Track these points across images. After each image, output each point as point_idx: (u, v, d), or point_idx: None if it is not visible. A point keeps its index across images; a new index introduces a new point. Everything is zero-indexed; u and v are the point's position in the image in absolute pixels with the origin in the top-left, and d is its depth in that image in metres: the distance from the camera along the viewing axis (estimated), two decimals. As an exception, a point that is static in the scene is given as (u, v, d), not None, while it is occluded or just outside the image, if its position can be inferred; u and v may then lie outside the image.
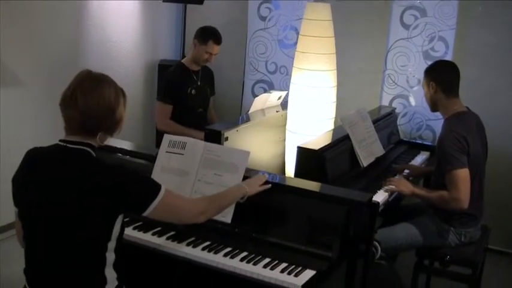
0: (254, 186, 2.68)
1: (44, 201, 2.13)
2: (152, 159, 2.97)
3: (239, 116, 5.48)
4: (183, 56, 5.56)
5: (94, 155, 2.20)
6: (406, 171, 4.05)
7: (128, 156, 3.15)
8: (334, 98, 4.09)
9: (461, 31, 4.77)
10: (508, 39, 4.68)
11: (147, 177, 2.29)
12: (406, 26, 4.94)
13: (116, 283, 2.24)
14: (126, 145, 3.22)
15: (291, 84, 4.12)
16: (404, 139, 4.86)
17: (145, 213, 2.21)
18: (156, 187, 2.22)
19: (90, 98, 2.13)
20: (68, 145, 2.17)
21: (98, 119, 2.16)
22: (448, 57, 4.76)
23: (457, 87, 3.57)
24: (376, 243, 3.25)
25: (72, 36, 4.90)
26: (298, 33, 5.21)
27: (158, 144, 5.07)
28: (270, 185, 2.71)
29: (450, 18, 4.77)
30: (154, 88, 5.66)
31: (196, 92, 4.70)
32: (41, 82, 4.61)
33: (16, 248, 2.43)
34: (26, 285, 2.23)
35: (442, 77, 3.56)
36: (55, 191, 2.12)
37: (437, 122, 4.87)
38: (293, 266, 2.49)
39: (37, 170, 2.19)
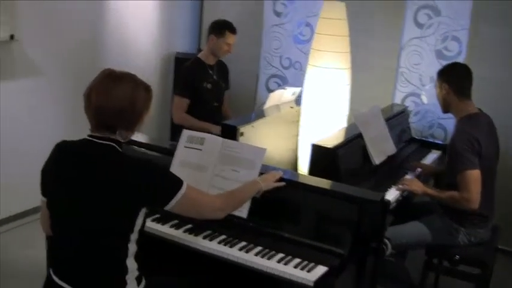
0: (269, 182, 2.76)
1: (72, 194, 2.22)
2: (166, 152, 3.06)
3: (253, 109, 5.58)
4: (199, 49, 5.62)
5: (120, 150, 2.27)
6: (418, 169, 4.11)
7: (142, 149, 3.22)
8: (348, 96, 4.14)
9: (474, 30, 4.81)
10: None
11: (170, 172, 2.37)
12: (419, 25, 4.99)
13: (137, 273, 2.31)
14: (140, 137, 3.28)
15: (305, 81, 4.17)
16: (416, 137, 4.92)
17: (168, 207, 2.30)
18: (179, 182, 2.31)
19: (102, 98, 2.20)
20: (95, 140, 2.25)
21: (113, 118, 2.23)
22: (462, 57, 4.81)
23: (469, 89, 3.62)
24: (386, 241, 3.32)
25: (90, 28, 4.97)
26: (312, 30, 5.30)
27: (173, 137, 5.20)
28: (284, 183, 2.78)
29: (463, 18, 4.81)
30: (170, 80, 5.74)
31: (212, 86, 4.77)
32: (60, 73, 4.69)
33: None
34: (51, 272, 2.31)
35: (454, 79, 3.61)
36: (82, 184, 2.21)
37: (448, 120, 4.92)
38: (306, 262, 2.56)
39: (66, 163, 2.28)
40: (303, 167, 4.07)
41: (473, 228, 3.57)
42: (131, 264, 2.28)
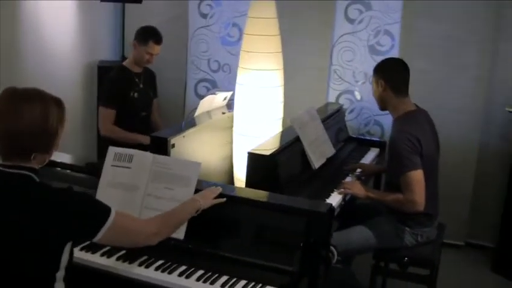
0: (208, 199, 2.56)
1: None
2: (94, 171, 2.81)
3: (183, 117, 5.37)
4: (123, 56, 5.38)
5: (37, 179, 2.02)
6: (358, 170, 3.98)
7: (68, 171, 2.97)
8: (281, 98, 3.98)
9: (406, 24, 4.73)
10: (453, 30, 4.65)
11: (95, 201, 2.13)
12: (351, 21, 4.88)
13: (66, 314, 2.08)
14: (65, 158, 3.02)
15: (236, 84, 3.99)
16: (353, 136, 4.80)
17: (96, 239, 2.07)
18: (106, 211, 2.08)
19: (10, 122, 1.95)
20: (6, 169, 1.99)
21: (26, 142, 1.98)
22: (395, 51, 4.75)
23: (407, 86, 3.49)
24: (333, 248, 3.16)
25: (7, 38, 4.63)
26: (240, 30, 5.12)
27: (100, 153, 4.94)
28: (224, 199, 2.59)
29: (395, 12, 4.75)
30: (94, 90, 5.44)
31: (139, 96, 4.54)
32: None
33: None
34: None
35: (391, 75, 3.47)
36: None
37: (385, 117, 4.83)
38: (253, 283, 2.38)
39: None
40: (239, 174, 3.88)
41: (419, 228, 3.45)
42: (59, 304, 2.04)
